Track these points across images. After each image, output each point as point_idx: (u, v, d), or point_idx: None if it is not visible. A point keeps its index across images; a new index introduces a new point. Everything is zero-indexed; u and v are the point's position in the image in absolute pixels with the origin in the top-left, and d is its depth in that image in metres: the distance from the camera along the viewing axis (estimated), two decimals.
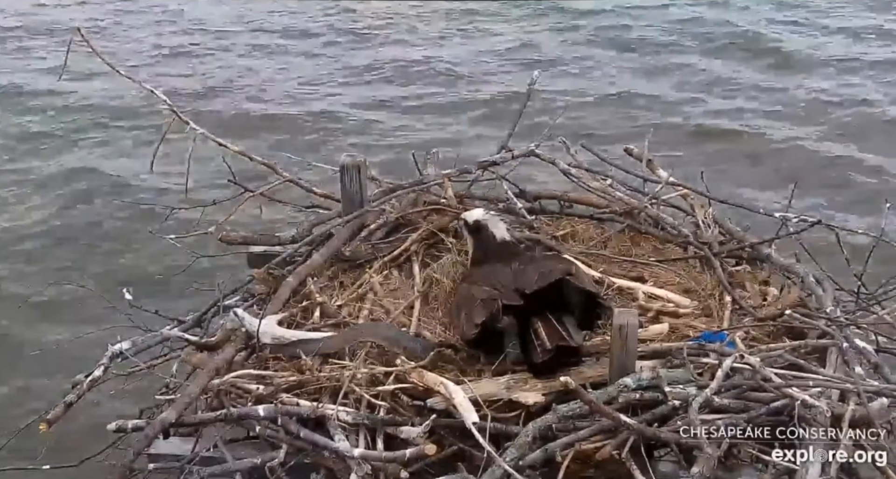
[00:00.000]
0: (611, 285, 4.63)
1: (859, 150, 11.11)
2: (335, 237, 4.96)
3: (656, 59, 14.81)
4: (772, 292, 4.70)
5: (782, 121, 12.18)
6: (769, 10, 17.42)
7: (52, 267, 8.58)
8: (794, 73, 14.05)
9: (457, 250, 4.83)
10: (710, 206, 5.39)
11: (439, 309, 4.47)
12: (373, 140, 11.56)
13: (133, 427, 3.82)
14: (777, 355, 3.97)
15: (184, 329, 4.84)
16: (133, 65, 13.31)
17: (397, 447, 3.66)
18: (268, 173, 5.79)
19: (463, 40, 16.13)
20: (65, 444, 4.56)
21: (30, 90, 13.52)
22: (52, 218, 9.76)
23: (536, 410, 3.76)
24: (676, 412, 3.67)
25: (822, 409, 3.54)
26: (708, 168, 6.25)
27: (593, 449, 3.63)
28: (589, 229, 5.27)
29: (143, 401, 4.61)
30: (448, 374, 3.91)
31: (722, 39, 15.52)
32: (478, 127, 11.88)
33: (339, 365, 3.98)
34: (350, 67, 14.61)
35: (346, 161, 5.07)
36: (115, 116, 12.47)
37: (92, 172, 10.82)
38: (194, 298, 5.77)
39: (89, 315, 6.89)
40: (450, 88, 13.71)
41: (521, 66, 14.10)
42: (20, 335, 7.64)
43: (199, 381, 3.97)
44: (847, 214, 8.92)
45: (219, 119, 11.60)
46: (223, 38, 16.12)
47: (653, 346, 4.06)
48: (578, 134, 8.95)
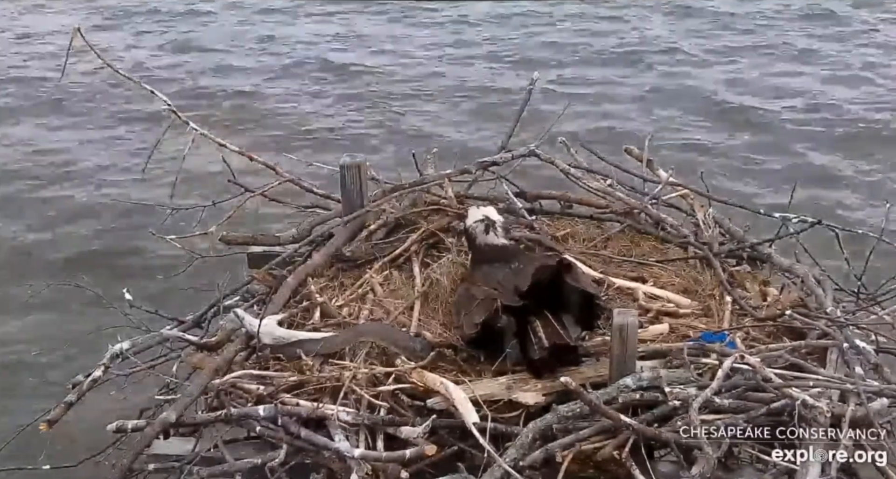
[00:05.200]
0: (611, 285, 4.63)
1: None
2: (335, 237, 4.96)
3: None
4: (772, 293, 4.70)
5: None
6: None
7: (51, 267, 8.58)
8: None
9: (457, 250, 4.83)
10: (710, 206, 5.39)
11: (439, 309, 4.47)
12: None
13: (133, 427, 3.82)
14: (777, 356, 3.97)
15: (184, 329, 4.84)
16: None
17: (397, 447, 3.66)
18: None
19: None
20: (65, 444, 4.55)
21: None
22: (52, 217, 9.77)
23: (536, 410, 3.76)
24: (676, 412, 3.67)
25: (822, 409, 3.54)
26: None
27: (593, 449, 3.63)
28: (589, 229, 5.27)
29: (143, 401, 4.61)
30: (448, 374, 3.91)
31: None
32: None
33: (339, 365, 3.98)
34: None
35: (346, 161, 5.07)
36: (115, 114, 12.49)
37: (92, 171, 10.83)
38: (194, 298, 5.77)
39: (89, 315, 6.88)
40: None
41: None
42: (20, 335, 7.64)
43: (199, 381, 3.97)
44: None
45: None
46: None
47: (653, 346, 4.06)
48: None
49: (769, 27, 16.34)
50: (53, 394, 4.69)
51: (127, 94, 12.33)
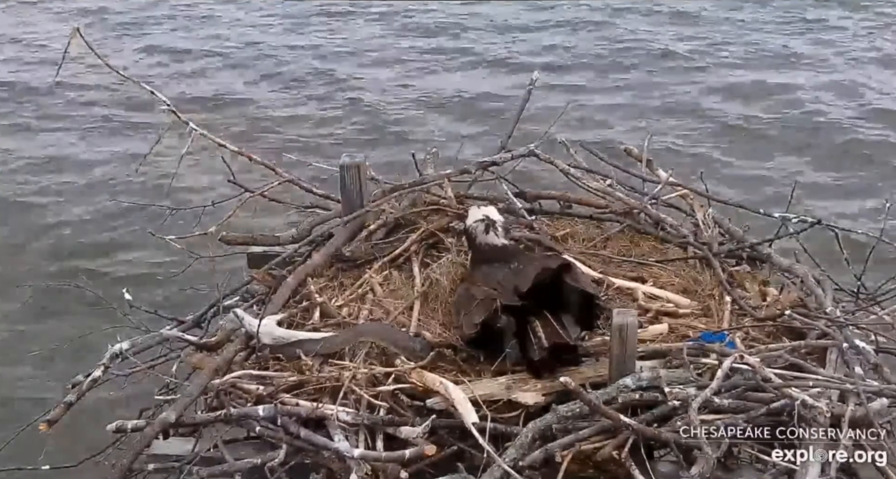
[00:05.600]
0: (610, 285, 4.62)
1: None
2: (335, 237, 4.96)
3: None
4: (772, 292, 4.70)
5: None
6: None
7: (52, 267, 8.58)
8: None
9: (457, 250, 4.83)
10: (709, 206, 5.39)
11: (439, 309, 4.47)
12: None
13: (133, 427, 3.83)
14: (777, 356, 3.98)
15: (183, 329, 4.84)
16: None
17: (397, 447, 3.66)
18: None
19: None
20: (65, 444, 4.55)
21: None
22: (51, 218, 9.76)
23: (536, 410, 3.76)
24: (676, 412, 3.67)
25: (822, 409, 3.54)
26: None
27: (593, 449, 3.64)
28: (589, 229, 5.27)
29: (143, 401, 4.61)
30: (448, 374, 3.91)
31: None
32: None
33: (339, 365, 3.98)
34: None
35: (346, 161, 5.06)
36: (119, 114, 12.48)
37: (91, 171, 10.82)
38: (194, 298, 5.77)
39: (89, 315, 6.88)
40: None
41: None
42: (20, 335, 7.64)
43: (199, 381, 3.97)
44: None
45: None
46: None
47: (653, 346, 4.06)
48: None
49: (757, 31, 16.26)
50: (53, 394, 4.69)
51: (125, 95, 12.31)
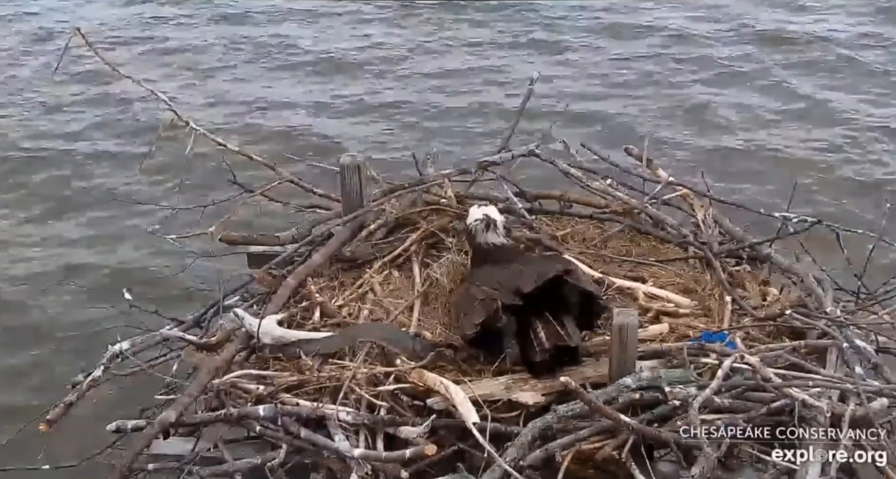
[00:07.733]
0: (611, 285, 4.62)
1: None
2: (335, 237, 4.96)
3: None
4: (772, 292, 4.71)
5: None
6: None
7: (51, 267, 8.57)
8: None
9: (457, 250, 4.83)
10: (710, 206, 5.39)
11: (439, 309, 4.48)
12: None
13: (133, 427, 3.83)
14: (777, 355, 3.98)
15: (184, 329, 4.85)
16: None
17: (397, 447, 3.66)
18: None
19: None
20: (65, 444, 4.55)
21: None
22: (51, 218, 9.75)
23: (536, 410, 3.76)
24: (676, 412, 3.67)
25: (822, 409, 3.55)
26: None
27: (593, 449, 3.64)
28: (589, 229, 5.27)
29: (143, 401, 4.61)
30: (448, 374, 3.92)
31: None
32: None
33: (339, 365, 3.99)
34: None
35: (346, 161, 5.06)
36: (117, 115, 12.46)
37: (91, 170, 10.80)
38: (194, 298, 5.76)
39: (89, 315, 6.89)
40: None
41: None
42: (20, 335, 7.63)
43: (199, 381, 3.97)
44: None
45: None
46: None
47: (653, 346, 4.07)
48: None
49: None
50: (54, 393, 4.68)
51: (123, 95, 12.29)
